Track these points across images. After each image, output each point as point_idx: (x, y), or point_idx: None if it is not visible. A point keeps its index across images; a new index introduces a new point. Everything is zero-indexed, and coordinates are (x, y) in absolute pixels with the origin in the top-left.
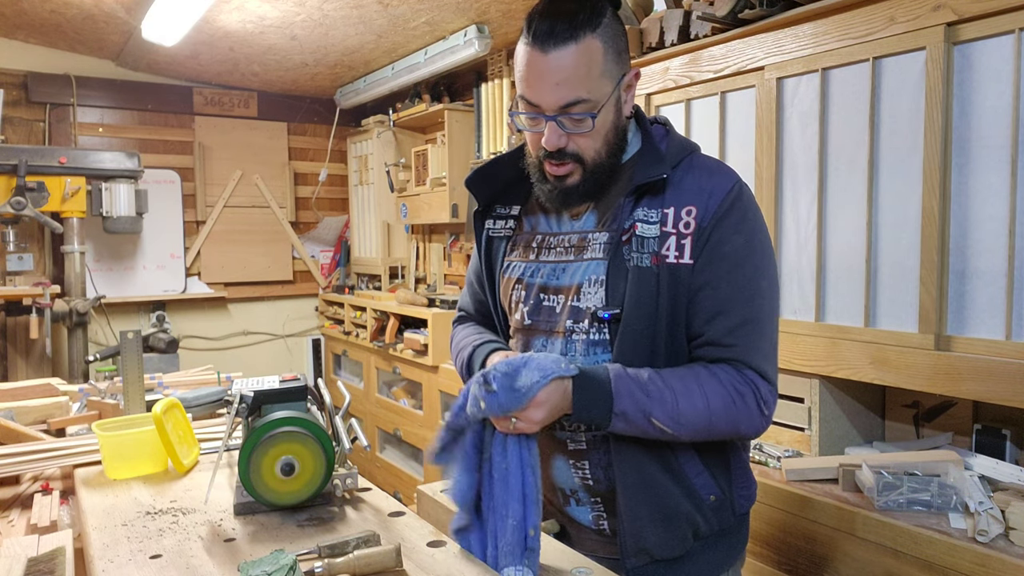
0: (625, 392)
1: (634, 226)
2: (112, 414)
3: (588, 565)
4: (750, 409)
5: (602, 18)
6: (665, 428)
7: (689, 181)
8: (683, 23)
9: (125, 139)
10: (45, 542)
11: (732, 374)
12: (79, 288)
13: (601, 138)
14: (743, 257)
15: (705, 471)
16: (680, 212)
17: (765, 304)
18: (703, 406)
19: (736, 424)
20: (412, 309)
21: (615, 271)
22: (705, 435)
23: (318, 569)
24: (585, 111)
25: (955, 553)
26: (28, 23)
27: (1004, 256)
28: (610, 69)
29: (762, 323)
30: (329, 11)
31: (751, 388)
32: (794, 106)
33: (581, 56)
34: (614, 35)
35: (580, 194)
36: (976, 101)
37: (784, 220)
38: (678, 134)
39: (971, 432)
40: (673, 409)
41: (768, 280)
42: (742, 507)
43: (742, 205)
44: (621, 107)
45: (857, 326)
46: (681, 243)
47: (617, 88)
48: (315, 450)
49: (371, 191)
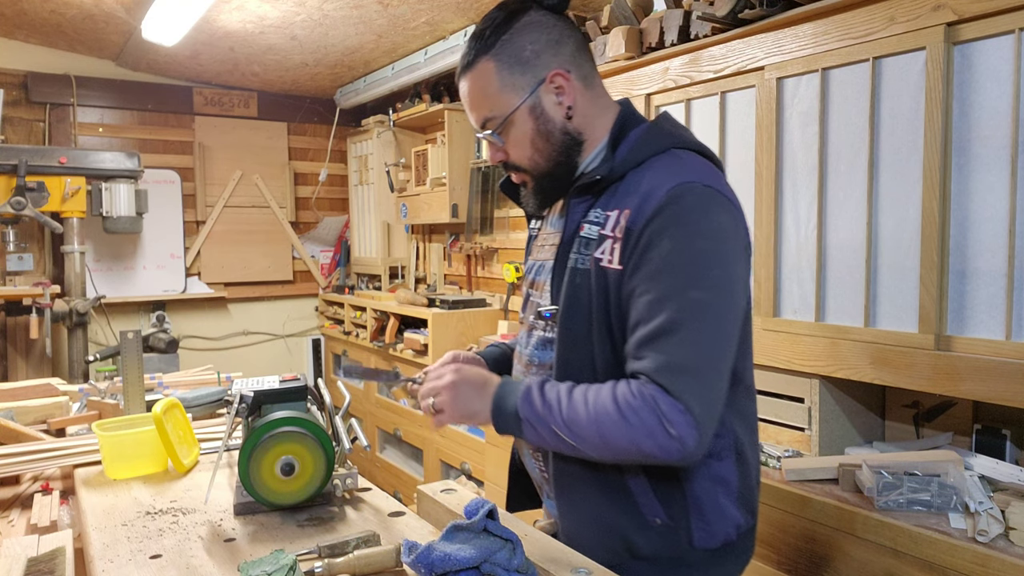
0: (527, 398)
1: (580, 227)
2: (112, 414)
3: (588, 565)
4: (648, 427)
5: (502, 35)
6: (565, 438)
7: (640, 182)
8: (683, 23)
9: (125, 139)
10: (45, 542)
11: (629, 388)
12: (79, 288)
13: (528, 146)
14: (671, 264)
15: (651, 492)
16: (620, 215)
17: (692, 316)
18: (590, 418)
19: (634, 442)
20: (412, 309)
21: (558, 271)
22: (607, 450)
23: (318, 569)
24: (495, 127)
25: (955, 553)
26: (28, 23)
27: (1004, 256)
28: (513, 82)
29: (681, 336)
30: (329, 11)
31: (649, 405)
32: (794, 106)
33: (476, 80)
34: (516, 47)
35: (542, 197)
36: (976, 101)
37: (784, 220)
38: (666, 131)
39: (971, 432)
40: (569, 417)
41: (704, 291)
42: (702, 542)
43: (678, 209)
44: (544, 111)
45: (857, 326)
46: (614, 246)
47: (531, 95)
48: (315, 450)
49: (371, 191)
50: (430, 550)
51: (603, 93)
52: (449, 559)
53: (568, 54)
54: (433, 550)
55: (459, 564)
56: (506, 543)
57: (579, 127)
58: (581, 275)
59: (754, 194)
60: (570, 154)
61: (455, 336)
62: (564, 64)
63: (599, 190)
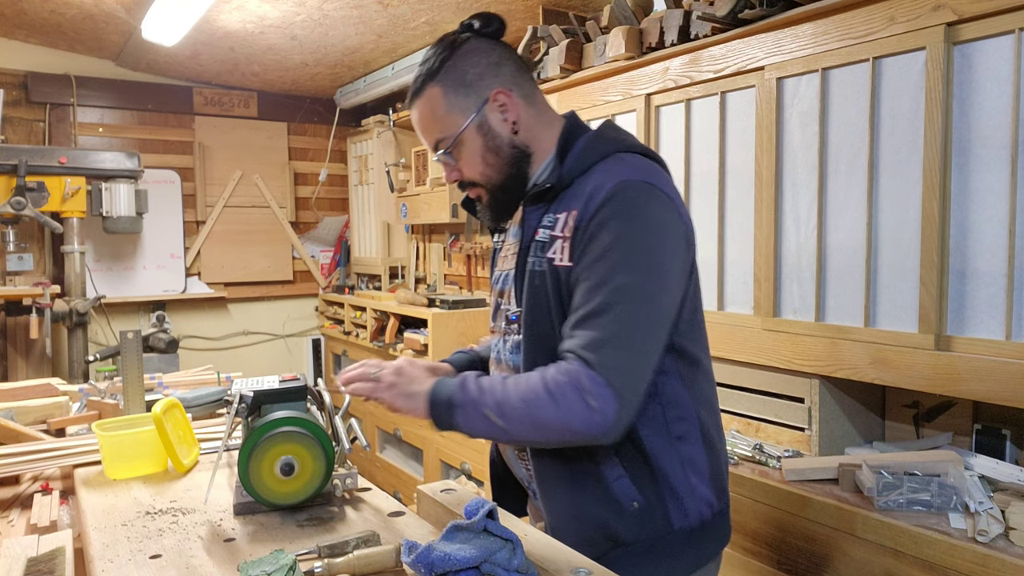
0: (462, 385)
1: (536, 232)
2: (112, 414)
3: (588, 565)
4: (570, 402)
5: (446, 62)
6: (496, 420)
7: (586, 185)
8: (683, 23)
9: (125, 139)
10: (45, 542)
11: (557, 368)
12: (79, 288)
13: (479, 161)
14: (608, 253)
15: (625, 476)
16: (568, 216)
17: (621, 299)
18: (520, 399)
19: (561, 419)
20: (412, 309)
21: (519, 275)
22: (536, 431)
23: (318, 569)
24: (447, 147)
25: (955, 553)
26: (28, 23)
27: (1004, 256)
28: (459, 104)
29: (609, 316)
30: (329, 11)
31: (572, 380)
32: (794, 106)
33: (425, 105)
34: (459, 72)
35: (497, 209)
36: (976, 101)
37: (784, 220)
38: (609, 137)
39: (971, 432)
40: (501, 399)
41: (636, 276)
42: (680, 522)
43: (618, 202)
44: (491, 128)
45: (857, 326)
46: (564, 245)
47: (478, 114)
48: (315, 450)
49: (371, 191)
50: (430, 550)
51: (546, 109)
52: (449, 559)
53: (508, 74)
54: (433, 550)
55: (459, 564)
56: (506, 543)
57: (526, 140)
58: (539, 276)
59: (754, 194)
60: (520, 166)
61: (455, 336)
62: (505, 83)
63: (551, 198)
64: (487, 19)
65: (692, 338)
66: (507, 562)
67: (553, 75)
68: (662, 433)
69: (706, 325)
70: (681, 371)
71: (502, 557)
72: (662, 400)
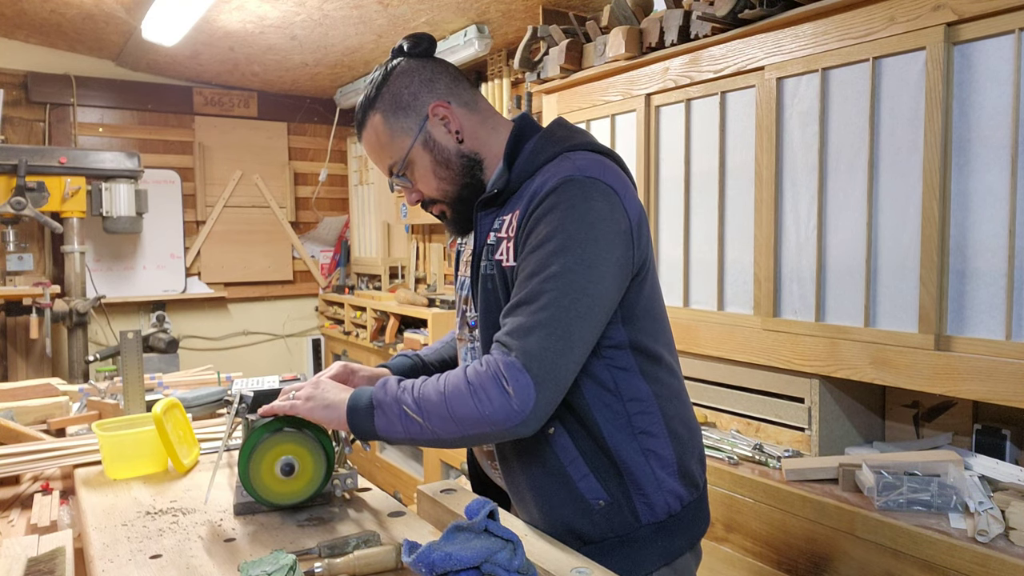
0: (383, 386)
1: (487, 236)
2: (112, 414)
3: (587, 565)
4: (488, 392)
5: (381, 88)
6: (416, 417)
7: (531, 186)
8: (683, 23)
9: (125, 139)
10: (45, 542)
11: (480, 360)
12: (79, 288)
13: (432, 177)
14: (543, 242)
15: (591, 475)
16: (512, 217)
17: (551, 287)
18: (440, 395)
19: (481, 410)
20: (412, 309)
21: (475, 281)
22: (456, 426)
23: (318, 569)
24: (399, 169)
25: (955, 553)
26: (28, 23)
27: (1004, 256)
28: (401, 125)
29: (536, 304)
30: (329, 11)
31: (491, 369)
32: (794, 106)
33: (371, 134)
34: (395, 95)
35: (461, 221)
36: (976, 101)
37: (784, 220)
38: (558, 137)
39: (971, 432)
40: (421, 396)
41: (569, 266)
42: (647, 516)
43: (556, 198)
44: (436, 142)
45: (857, 326)
46: (508, 246)
47: (421, 132)
48: (315, 450)
49: (371, 191)
50: (430, 550)
51: (492, 114)
52: (449, 559)
53: (443, 87)
54: (433, 550)
55: (459, 564)
56: (507, 543)
57: (474, 148)
58: (491, 280)
59: (754, 194)
60: (473, 174)
61: None
62: (441, 96)
63: (501, 202)
64: (416, 40)
65: (650, 334)
66: (508, 562)
67: (553, 75)
68: (625, 429)
69: (703, 325)
70: (642, 367)
71: (503, 557)
72: (623, 397)
